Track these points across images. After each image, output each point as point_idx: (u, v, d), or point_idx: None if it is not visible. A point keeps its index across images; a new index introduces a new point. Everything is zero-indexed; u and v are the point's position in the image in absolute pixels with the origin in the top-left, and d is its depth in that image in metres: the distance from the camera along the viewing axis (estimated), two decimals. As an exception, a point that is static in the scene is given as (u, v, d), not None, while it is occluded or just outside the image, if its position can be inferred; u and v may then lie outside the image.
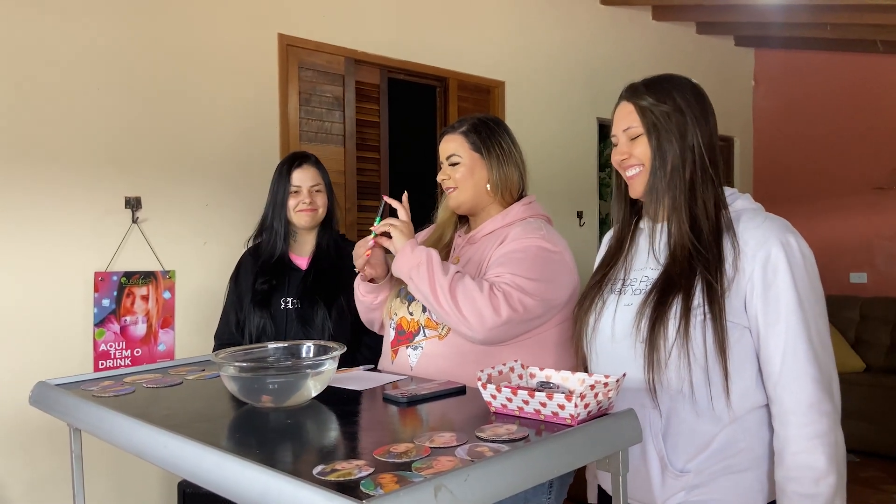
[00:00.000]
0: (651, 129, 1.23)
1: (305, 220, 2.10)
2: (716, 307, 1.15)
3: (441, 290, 1.43)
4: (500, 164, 1.64)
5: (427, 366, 1.53)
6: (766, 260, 1.15)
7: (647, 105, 1.24)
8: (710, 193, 1.22)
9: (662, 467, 1.20)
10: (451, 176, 1.66)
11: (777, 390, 1.15)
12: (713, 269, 1.16)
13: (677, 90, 1.26)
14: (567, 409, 1.01)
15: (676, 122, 1.22)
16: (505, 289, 1.44)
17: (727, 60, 5.48)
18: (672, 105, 1.23)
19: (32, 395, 1.44)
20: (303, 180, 2.10)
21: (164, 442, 1.04)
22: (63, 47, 2.48)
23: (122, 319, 2.56)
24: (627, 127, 1.27)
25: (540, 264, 1.50)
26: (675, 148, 1.22)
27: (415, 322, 1.59)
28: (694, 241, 1.19)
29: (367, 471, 0.87)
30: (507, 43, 3.95)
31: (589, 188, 4.48)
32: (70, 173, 2.49)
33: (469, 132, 1.66)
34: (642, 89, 1.27)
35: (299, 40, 3.06)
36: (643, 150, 1.25)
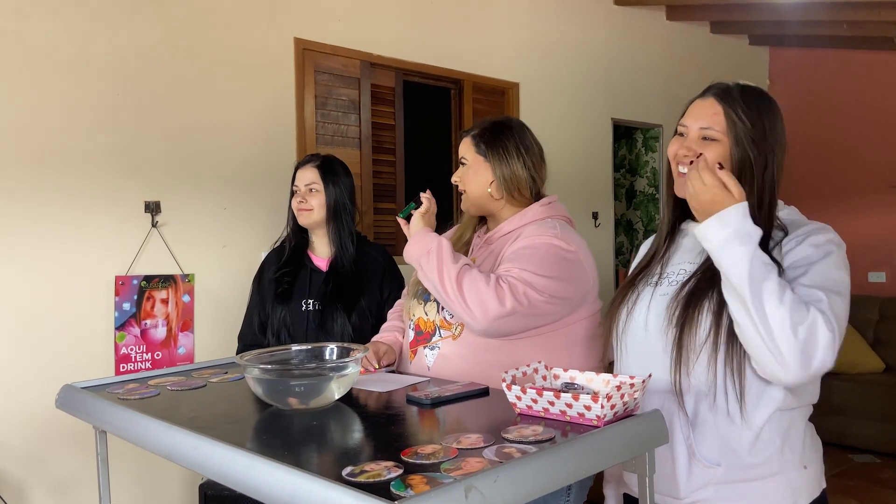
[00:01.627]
0: (737, 142, 1.18)
1: (302, 219, 2.15)
2: None
3: (448, 278, 1.44)
4: (502, 165, 1.63)
5: (443, 366, 1.54)
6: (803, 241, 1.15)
7: (740, 116, 1.19)
8: (765, 212, 1.19)
9: (690, 456, 1.19)
10: (461, 178, 1.69)
11: None
12: None
13: (769, 111, 1.22)
14: (593, 410, 1.01)
15: (762, 146, 1.19)
16: (511, 281, 1.44)
17: (742, 59, 5.45)
18: (760, 126, 1.19)
19: (59, 398, 1.46)
20: (301, 179, 2.17)
21: (193, 444, 1.05)
22: (82, 54, 2.50)
23: (142, 323, 2.58)
24: (708, 126, 1.21)
25: (550, 261, 1.50)
26: (756, 172, 1.18)
27: (430, 322, 1.60)
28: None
29: (396, 472, 0.87)
30: (521, 44, 3.95)
31: (604, 189, 4.46)
32: (90, 179, 2.51)
33: (477, 135, 1.68)
34: (737, 95, 1.21)
35: (315, 44, 3.08)
36: (713, 156, 1.19)
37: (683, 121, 1.26)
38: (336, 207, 2.15)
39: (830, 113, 5.35)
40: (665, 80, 4.75)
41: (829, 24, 4.66)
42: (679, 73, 4.84)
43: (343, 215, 2.16)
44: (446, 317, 1.56)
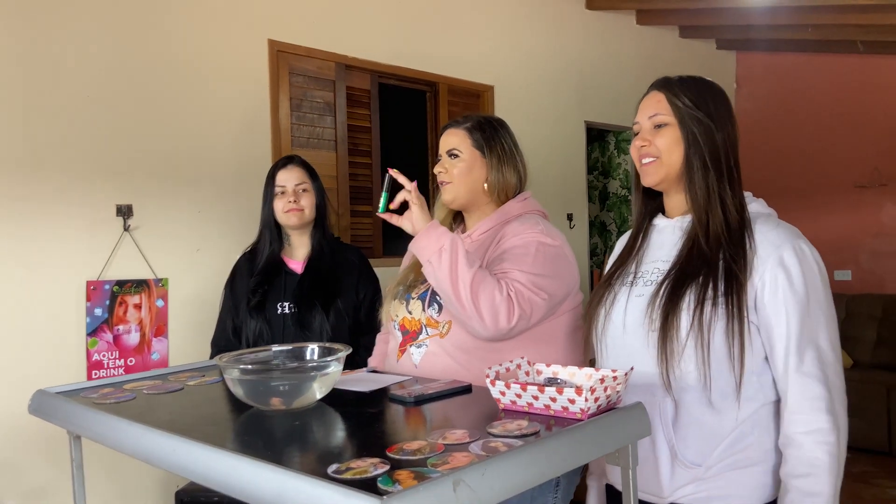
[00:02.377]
0: (682, 121, 1.24)
1: (293, 221, 2.08)
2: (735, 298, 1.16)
3: (463, 283, 1.41)
4: (500, 164, 1.64)
5: (430, 364, 1.53)
6: (780, 262, 1.17)
7: (679, 96, 1.26)
8: (737, 191, 1.25)
9: (672, 457, 1.20)
10: (449, 170, 1.64)
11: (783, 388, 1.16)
12: (739, 261, 1.18)
13: (709, 90, 1.28)
14: (577, 404, 1.02)
15: (706, 117, 1.24)
16: (518, 288, 1.44)
17: (710, 63, 5.55)
18: (703, 102, 1.25)
19: (32, 403, 1.42)
20: (287, 180, 2.10)
21: (172, 446, 1.03)
22: (52, 56, 2.46)
23: (114, 328, 2.53)
24: (654, 114, 1.27)
25: (542, 259, 1.50)
26: (707, 141, 1.24)
27: (416, 321, 1.59)
28: (725, 232, 1.21)
29: (383, 468, 0.86)
30: (495, 48, 3.97)
31: (578, 191, 4.50)
32: (60, 182, 2.47)
33: (473, 129, 1.66)
34: (675, 82, 1.29)
35: (290, 46, 3.06)
36: (665, 140, 1.25)
37: (635, 119, 1.33)
38: (321, 208, 2.14)
39: (796, 115, 5.46)
40: (636, 84, 4.80)
41: (794, 28, 4.76)
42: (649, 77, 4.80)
43: (325, 216, 2.16)
44: (432, 315, 1.55)
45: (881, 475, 3.74)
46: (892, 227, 5.02)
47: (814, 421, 1.13)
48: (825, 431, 1.13)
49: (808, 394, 1.14)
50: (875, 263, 5.08)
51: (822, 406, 1.13)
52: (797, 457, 1.14)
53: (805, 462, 1.13)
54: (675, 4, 4.43)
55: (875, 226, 5.09)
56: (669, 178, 1.27)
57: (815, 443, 1.12)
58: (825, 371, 1.15)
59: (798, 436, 1.14)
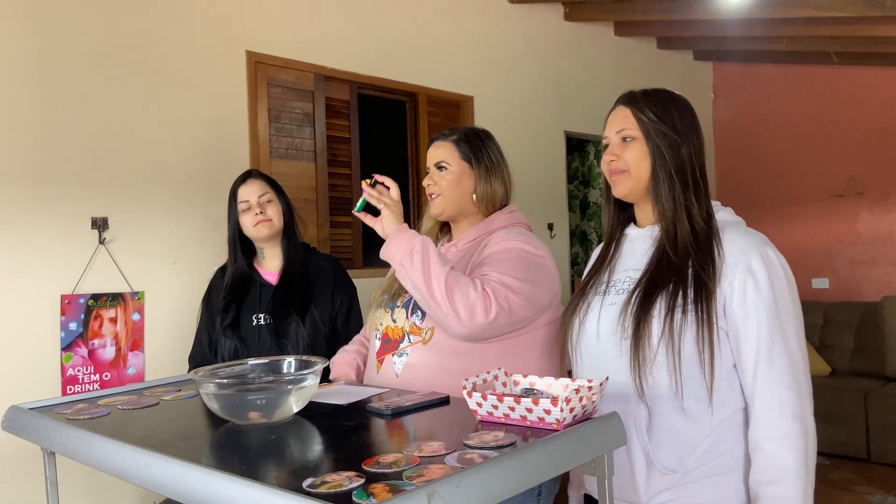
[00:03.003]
0: (648, 135, 1.28)
1: (263, 233, 2.08)
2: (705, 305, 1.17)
3: (437, 281, 1.41)
4: (488, 175, 1.66)
5: (412, 373, 1.53)
6: (748, 269, 1.19)
7: (644, 111, 1.29)
8: (703, 201, 1.27)
9: (648, 464, 1.21)
10: (438, 182, 1.66)
11: (751, 394, 1.18)
12: (707, 268, 1.19)
13: (673, 103, 1.31)
14: (553, 414, 1.02)
15: (671, 131, 1.27)
16: (493, 285, 1.45)
17: (687, 74, 5.62)
18: (668, 115, 1.29)
19: (5, 419, 1.40)
20: (250, 193, 2.10)
21: (146, 462, 1.02)
22: (27, 65, 2.43)
23: (89, 343, 2.50)
24: (621, 129, 1.30)
25: (523, 265, 1.51)
26: (672, 154, 1.26)
27: (399, 329, 1.59)
28: (693, 241, 1.22)
29: (358, 482, 0.86)
30: (475, 58, 3.99)
31: (559, 200, 4.53)
32: (34, 194, 2.43)
33: (460, 141, 1.67)
34: (640, 97, 1.32)
35: (268, 57, 3.05)
36: (633, 154, 1.29)
37: (605, 133, 1.36)
38: (289, 217, 2.14)
39: (772, 125, 5.55)
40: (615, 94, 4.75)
41: (769, 39, 4.84)
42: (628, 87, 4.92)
43: (293, 225, 2.16)
44: (416, 322, 1.55)
45: (860, 482, 3.78)
46: (868, 236, 5.10)
47: (781, 426, 1.14)
48: (792, 437, 1.14)
49: (775, 399, 1.15)
50: (852, 271, 5.15)
51: (790, 412, 1.14)
52: (765, 463, 1.15)
53: (773, 468, 1.14)
54: (653, 16, 4.49)
55: (851, 234, 5.16)
56: (638, 190, 1.30)
57: (783, 448, 1.13)
58: (795, 376, 1.16)
59: (765, 441, 1.15)
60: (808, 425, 1.15)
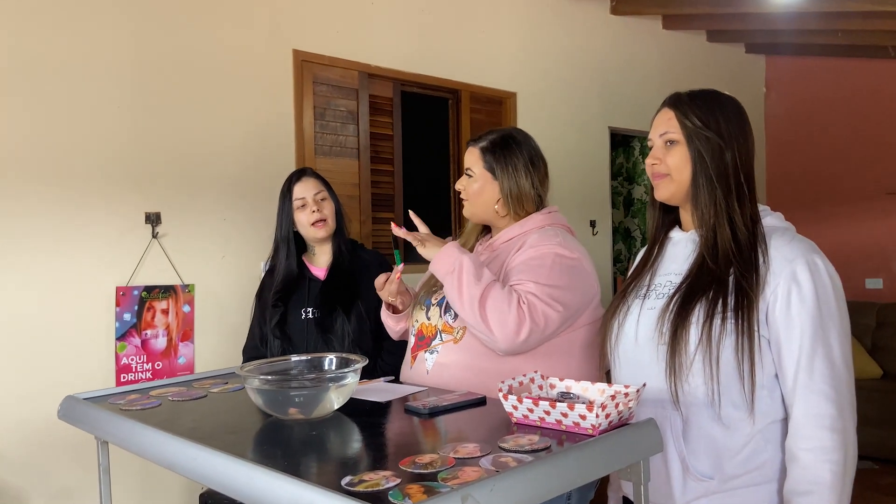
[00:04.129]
0: (690, 139, 1.26)
1: (321, 234, 2.12)
2: (744, 313, 1.16)
3: (470, 301, 1.45)
4: (511, 184, 1.65)
5: (441, 370, 1.55)
6: (792, 276, 1.17)
7: (688, 115, 1.27)
8: (746, 207, 1.25)
9: (684, 469, 1.21)
10: (466, 188, 1.70)
11: (790, 404, 1.16)
12: (749, 277, 1.18)
13: (720, 106, 1.29)
14: (588, 420, 1.03)
15: (715, 135, 1.25)
16: (531, 300, 1.46)
17: (738, 68, 5.49)
18: (713, 119, 1.27)
19: (61, 409, 1.47)
20: (305, 191, 2.13)
21: (194, 455, 1.07)
22: (82, 67, 2.53)
23: (142, 333, 2.60)
24: (665, 132, 1.29)
25: (558, 271, 1.52)
26: (714, 160, 1.25)
27: (432, 326, 1.62)
28: (734, 248, 1.21)
29: (394, 481, 0.88)
30: (518, 54, 3.98)
31: (601, 197, 4.49)
32: (92, 191, 2.53)
33: (486, 150, 1.68)
34: (686, 99, 1.30)
35: (314, 55, 3.10)
36: (674, 159, 1.28)
37: (649, 136, 1.34)
38: (339, 214, 2.18)
39: (826, 119, 5.38)
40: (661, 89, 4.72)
41: (823, 33, 4.69)
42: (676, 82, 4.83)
43: (342, 222, 2.20)
44: (448, 321, 1.58)
45: (911, 488, 3.67)
46: (924, 235, 4.92)
47: (818, 437, 1.12)
48: (829, 450, 1.12)
49: (813, 410, 1.13)
50: (907, 271, 4.98)
51: (828, 424, 1.12)
52: (800, 474, 1.13)
53: (807, 480, 1.12)
54: (702, 10, 4.39)
55: (907, 233, 4.99)
56: (680, 194, 1.29)
57: (819, 461, 1.12)
58: (836, 388, 1.14)
59: (801, 452, 1.13)
60: (847, 438, 1.13)
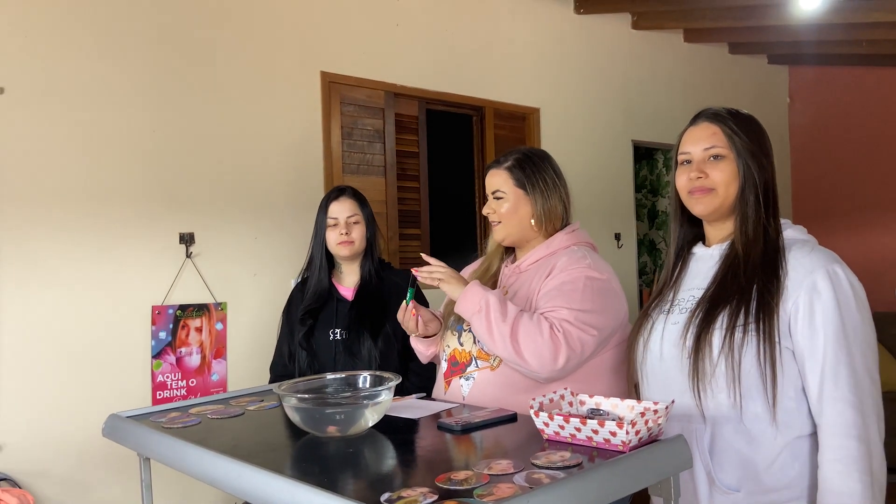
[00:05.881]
0: (739, 154, 1.28)
1: (345, 252, 2.16)
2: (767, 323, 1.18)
3: (501, 338, 1.47)
4: (544, 198, 1.67)
5: (479, 396, 1.57)
6: (813, 287, 1.18)
7: (735, 130, 1.29)
8: (775, 220, 1.28)
9: (710, 483, 1.22)
10: (496, 210, 1.70)
11: (817, 413, 1.17)
12: (771, 287, 1.20)
13: (753, 123, 1.33)
14: (619, 436, 1.05)
15: (759, 153, 1.29)
16: (566, 328, 1.47)
17: (761, 78, 5.47)
18: (753, 135, 1.30)
19: (105, 427, 1.52)
20: (340, 212, 2.17)
21: (238, 472, 1.11)
22: (118, 92, 2.62)
23: (177, 351, 2.66)
24: (711, 146, 1.30)
25: (590, 295, 1.53)
26: (759, 175, 1.28)
27: (466, 353, 1.63)
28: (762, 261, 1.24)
29: (432, 498, 0.92)
30: (541, 70, 4.02)
31: (626, 210, 4.50)
32: (128, 212, 2.61)
33: (514, 167, 1.70)
34: (727, 115, 1.32)
35: (341, 76, 3.17)
36: (722, 174, 1.28)
37: (683, 149, 1.34)
38: (371, 237, 2.21)
39: (851, 128, 5.33)
40: (684, 101, 4.79)
41: (847, 42, 4.67)
42: (699, 94, 4.88)
43: (374, 243, 2.23)
44: (483, 348, 1.59)
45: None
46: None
47: (846, 447, 1.13)
48: (857, 459, 1.13)
49: (839, 420, 1.14)
50: (939, 281, 4.90)
51: (855, 433, 1.13)
52: (830, 486, 1.14)
53: (837, 490, 1.13)
54: (723, 23, 4.40)
55: (937, 242, 4.92)
56: (722, 209, 1.30)
57: (849, 471, 1.13)
58: (860, 397, 1.15)
59: (831, 463, 1.14)
60: (872, 448, 1.14)
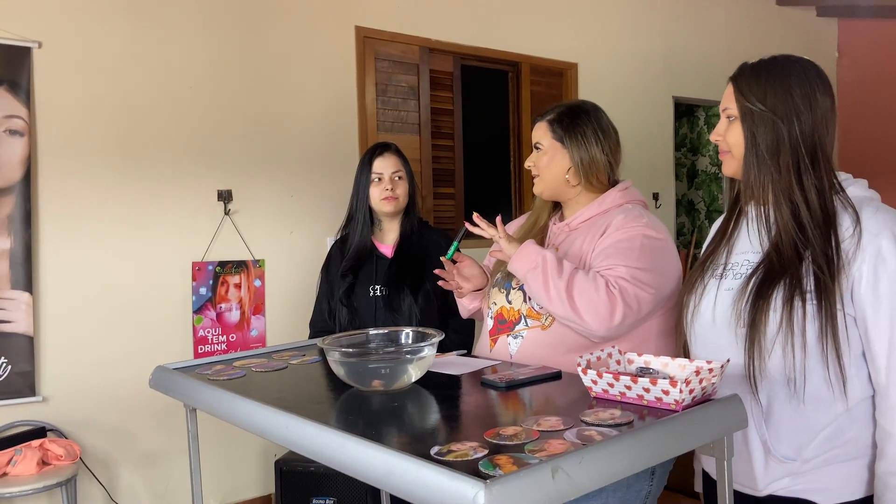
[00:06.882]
0: (745, 116, 1.22)
1: (389, 208, 2.14)
2: (824, 295, 1.13)
3: (558, 294, 1.43)
4: (580, 150, 1.62)
5: (528, 355, 1.55)
6: (878, 252, 1.13)
7: (745, 90, 1.23)
8: (812, 181, 1.19)
9: (766, 452, 1.20)
10: (536, 163, 1.67)
11: (881, 383, 1.13)
12: (821, 256, 1.15)
13: (783, 75, 1.22)
14: (672, 395, 1.03)
15: (774, 109, 1.20)
16: (622, 285, 1.44)
17: (809, 32, 5.26)
18: (772, 92, 1.21)
19: (153, 378, 1.55)
20: (384, 168, 2.15)
21: (286, 423, 1.11)
22: (157, 52, 2.61)
23: (217, 306, 2.69)
24: (725, 107, 1.26)
25: (648, 254, 1.49)
26: (770, 136, 1.20)
27: (515, 311, 1.60)
28: (797, 230, 1.17)
29: (482, 452, 0.91)
30: (579, 24, 3.90)
31: (665, 169, 4.40)
32: (168, 170, 2.63)
33: (554, 121, 1.65)
34: (748, 72, 1.25)
35: (375, 31, 3.12)
36: (734, 136, 1.24)
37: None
38: (412, 194, 2.20)
39: (904, 85, 5.13)
40: (728, 56, 4.59)
41: (904, -8, 4.46)
42: (743, 49, 4.69)
43: (415, 200, 2.21)
44: (535, 307, 1.56)
45: None
46: None
47: None
48: None
49: None
50: None
51: None
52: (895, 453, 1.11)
53: None
54: (772, -28, 4.23)
55: None
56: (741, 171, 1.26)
57: None
58: None
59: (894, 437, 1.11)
60: None
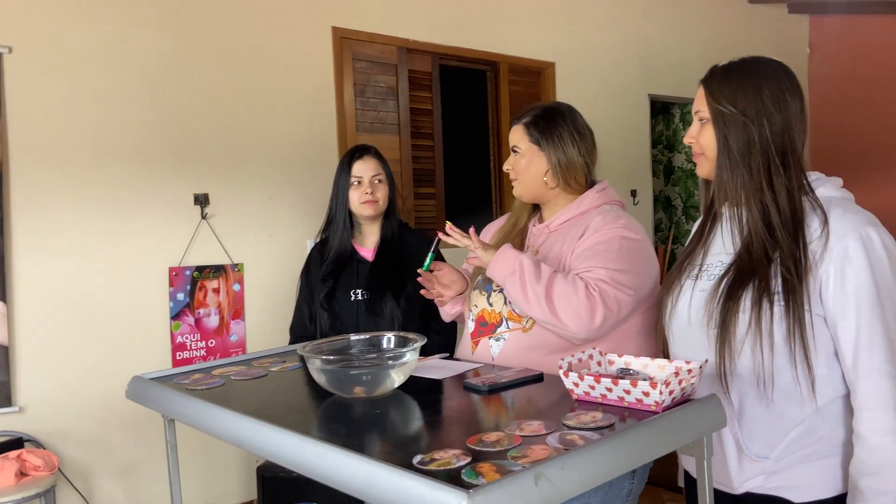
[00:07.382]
0: (717, 118, 1.23)
1: (369, 212, 2.13)
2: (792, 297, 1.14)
3: (536, 299, 1.44)
4: (558, 153, 1.63)
5: (510, 357, 1.55)
6: (844, 253, 1.14)
7: (716, 93, 1.23)
8: (782, 183, 1.20)
9: (739, 451, 1.21)
10: (514, 166, 1.68)
11: (852, 382, 1.15)
12: (788, 258, 1.16)
13: (753, 77, 1.23)
14: (652, 396, 1.03)
15: (745, 111, 1.21)
16: (602, 287, 1.45)
17: (781, 28, 5.32)
18: (742, 94, 1.21)
19: (129, 389, 1.52)
20: (364, 171, 2.13)
21: (265, 434, 1.10)
22: (131, 54, 2.57)
23: (195, 312, 2.66)
24: (698, 110, 1.27)
25: (626, 255, 1.50)
26: (742, 138, 1.21)
27: (496, 314, 1.61)
28: (766, 232, 1.18)
29: (465, 460, 0.90)
30: (556, 23, 3.92)
31: (642, 166, 4.43)
32: (142, 174, 2.59)
33: (530, 124, 1.66)
34: (719, 74, 1.26)
35: (352, 32, 3.10)
36: (707, 138, 1.25)
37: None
38: (392, 197, 2.19)
39: (873, 80, 5.20)
40: (703, 54, 4.66)
41: (873, -11, 4.53)
42: (717, 46, 4.75)
43: (395, 203, 2.21)
44: (515, 309, 1.57)
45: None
46: (979, 197, 4.75)
47: (881, 418, 1.11)
48: (893, 429, 1.11)
49: (875, 390, 1.12)
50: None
51: (892, 403, 1.11)
52: (867, 454, 1.12)
53: (874, 460, 1.11)
54: (744, -30, 4.27)
55: (961, 195, 4.83)
56: None
57: (886, 440, 1.11)
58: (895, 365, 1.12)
59: (867, 433, 1.12)
60: None
